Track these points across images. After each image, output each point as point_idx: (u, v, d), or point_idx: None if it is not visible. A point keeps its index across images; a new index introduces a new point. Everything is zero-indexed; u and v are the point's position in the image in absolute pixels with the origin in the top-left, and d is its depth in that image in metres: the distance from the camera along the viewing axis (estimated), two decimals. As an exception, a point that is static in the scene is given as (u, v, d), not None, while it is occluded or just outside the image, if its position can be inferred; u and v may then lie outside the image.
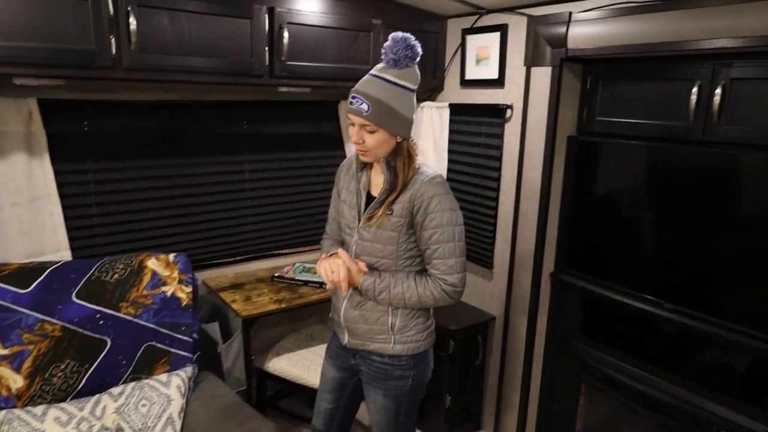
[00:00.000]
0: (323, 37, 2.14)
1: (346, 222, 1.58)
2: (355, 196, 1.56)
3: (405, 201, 1.46)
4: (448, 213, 1.44)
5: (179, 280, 1.97)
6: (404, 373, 1.56)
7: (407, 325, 1.54)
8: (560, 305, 2.25)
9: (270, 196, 2.58)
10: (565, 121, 2.13)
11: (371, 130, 1.41)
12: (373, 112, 1.38)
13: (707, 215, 1.75)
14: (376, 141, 1.42)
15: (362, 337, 1.57)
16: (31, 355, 1.73)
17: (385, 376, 1.56)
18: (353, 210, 1.55)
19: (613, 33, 1.85)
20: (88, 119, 2.07)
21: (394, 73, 1.40)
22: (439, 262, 1.46)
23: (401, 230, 1.47)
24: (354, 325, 1.58)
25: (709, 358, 1.80)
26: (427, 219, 1.44)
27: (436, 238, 1.45)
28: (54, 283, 1.81)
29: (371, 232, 1.49)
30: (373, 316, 1.54)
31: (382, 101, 1.39)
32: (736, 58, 1.65)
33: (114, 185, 2.16)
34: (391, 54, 1.39)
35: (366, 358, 1.59)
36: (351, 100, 1.41)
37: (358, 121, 1.41)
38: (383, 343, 1.55)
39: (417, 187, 1.45)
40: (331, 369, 1.71)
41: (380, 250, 1.50)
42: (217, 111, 2.35)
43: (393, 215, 1.46)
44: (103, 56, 1.72)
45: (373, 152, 1.45)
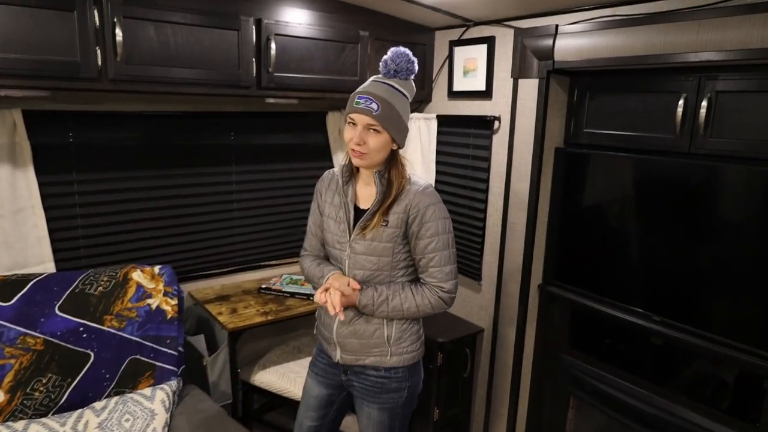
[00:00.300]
0: (311, 48, 2.15)
1: (335, 237, 1.56)
2: (341, 210, 1.54)
3: (400, 211, 1.46)
4: (442, 222, 1.47)
5: (164, 292, 1.96)
6: (400, 385, 1.56)
7: (402, 337, 1.55)
8: (548, 317, 2.25)
9: (257, 207, 2.57)
10: (553, 132, 2.14)
11: (376, 130, 1.41)
12: (382, 112, 1.40)
13: (695, 227, 1.75)
14: (379, 143, 1.42)
15: (357, 352, 1.55)
16: (13, 369, 1.70)
17: (381, 389, 1.55)
18: (342, 224, 1.53)
19: (599, 45, 1.86)
20: (73, 130, 2.06)
21: (396, 81, 1.45)
22: (435, 270, 1.48)
23: (396, 240, 1.48)
24: (348, 341, 1.56)
25: (698, 371, 1.81)
26: (423, 228, 1.46)
27: (432, 247, 1.46)
28: (37, 295, 1.79)
29: (364, 244, 1.48)
30: (369, 330, 1.53)
31: (390, 103, 1.41)
32: (721, 70, 1.66)
33: (99, 197, 2.15)
34: (393, 65, 1.43)
35: (360, 374, 1.57)
36: (357, 100, 1.42)
37: (365, 121, 1.41)
38: (379, 357, 1.54)
39: (411, 198, 1.46)
40: (317, 386, 1.68)
41: (375, 263, 1.50)
42: (204, 122, 2.35)
43: (388, 226, 1.46)
44: (88, 67, 1.72)
45: (371, 156, 1.44)
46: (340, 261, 1.56)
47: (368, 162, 1.46)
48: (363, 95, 1.42)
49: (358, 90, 1.46)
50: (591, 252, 2.08)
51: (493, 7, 2.10)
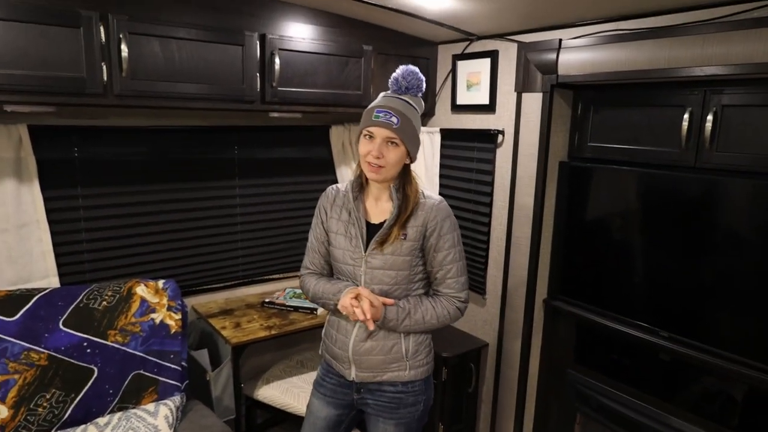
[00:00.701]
0: (314, 63, 2.16)
1: (347, 253, 1.54)
2: (353, 226, 1.53)
3: (418, 225, 1.49)
4: (456, 233, 1.54)
5: (168, 306, 1.96)
6: (417, 398, 1.57)
7: (418, 350, 1.56)
8: (554, 332, 2.23)
9: (261, 221, 2.58)
10: (557, 146, 2.14)
11: (395, 144, 1.44)
12: (401, 126, 1.43)
13: (701, 241, 1.75)
14: (396, 157, 1.45)
15: (375, 368, 1.54)
16: (17, 384, 1.71)
17: (398, 404, 1.55)
18: (355, 239, 1.52)
19: (603, 60, 1.87)
20: (78, 145, 2.08)
21: (408, 97, 1.48)
22: (452, 281, 1.53)
23: (414, 254, 1.50)
24: (365, 358, 1.54)
25: (705, 387, 1.79)
26: (441, 241, 1.50)
27: (450, 259, 1.51)
28: (41, 310, 1.80)
29: (382, 258, 1.49)
30: (387, 345, 1.53)
31: (408, 117, 1.44)
32: (726, 85, 1.66)
33: (103, 211, 2.17)
34: (404, 82, 1.47)
35: (376, 391, 1.56)
36: (377, 114, 1.43)
37: (384, 134, 1.43)
38: (398, 371, 1.54)
39: (428, 211, 1.49)
40: (326, 407, 1.64)
41: (393, 276, 1.51)
42: (208, 136, 2.37)
43: (407, 239, 1.48)
44: (94, 83, 1.74)
45: (387, 170, 1.45)
46: (354, 277, 1.54)
47: (384, 176, 1.47)
48: (382, 109, 1.44)
49: (375, 104, 1.47)
50: (596, 266, 2.07)
51: (496, 22, 2.11)
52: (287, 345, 2.68)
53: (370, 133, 1.44)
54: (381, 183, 1.50)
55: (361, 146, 1.47)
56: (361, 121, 1.48)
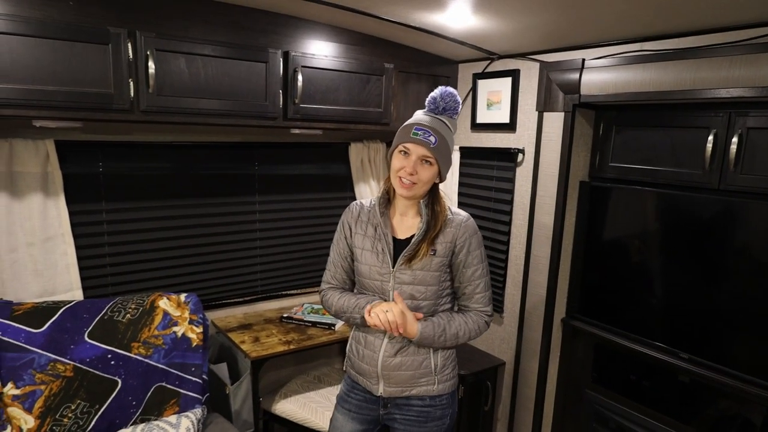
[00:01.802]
0: (336, 80, 2.20)
1: (374, 269, 1.56)
2: (379, 242, 1.55)
3: (447, 241, 1.52)
4: (482, 250, 1.59)
5: (190, 320, 2.00)
6: (444, 412, 1.60)
7: (446, 364, 1.60)
8: (572, 352, 2.24)
9: (279, 237, 2.62)
10: (578, 166, 2.15)
11: (430, 163, 1.46)
12: (438, 146, 1.46)
13: (722, 263, 1.76)
14: (429, 175, 1.48)
15: (403, 383, 1.56)
16: (43, 395, 1.75)
17: (426, 418, 1.58)
18: (382, 255, 1.54)
19: (626, 80, 1.88)
20: (102, 160, 2.13)
21: (445, 117, 1.51)
22: (480, 296, 1.57)
23: (443, 269, 1.54)
24: (395, 373, 1.56)
25: (726, 409, 1.80)
26: (470, 257, 1.54)
27: (478, 274, 1.56)
28: (67, 322, 1.84)
29: (411, 274, 1.51)
30: (417, 361, 1.56)
31: (444, 138, 1.48)
32: (752, 107, 1.67)
33: (127, 225, 2.22)
34: (443, 103, 1.49)
35: (403, 406, 1.59)
36: (415, 131, 1.45)
37: (420, 152, 1.45)
38: (426, 386, 1.57)
39: (457, 227, 1.53)
40: (351, 422, 1.66)
41: (422, 292, 1.53)
42: (229, 152, 2.42)
43: (436, 255, 1.51)
44: (121, 99, 1.78)
45: (419, 187, 1.48)
46: (382, 292, 1.56)
47: (414, 193, 1.49)
48: (421, 127, 1.46)
49: (413, 121, 1.49)
50: (616, 287, 2.08)
51: (518, 41, 2.13)
52: (305, 360, 2.72)
53: (406, 149, 1.46)
54: (411, 199, 1.53)
55: (395, 161, 1.49)
56: (398, 135, 1.50)
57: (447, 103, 1.49)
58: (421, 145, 1.43)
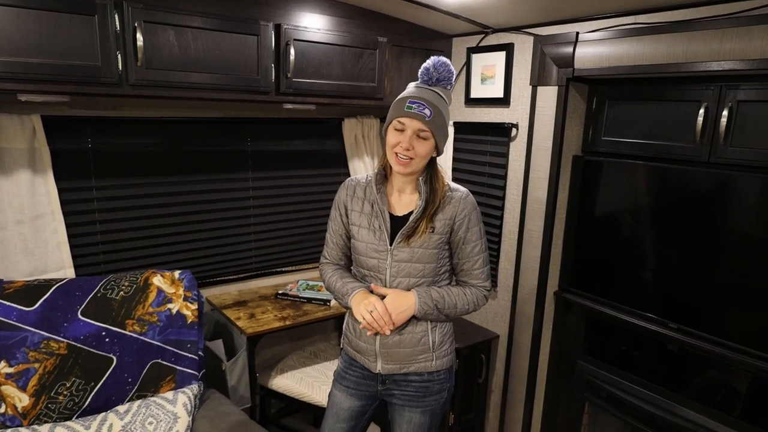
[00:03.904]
0: (329, 54, 2.15)
1: (371, 246, 1.52)
2: (376, 218, 1.52)
3: (447, 218, 1.49)
4: (482, 226, 1.56)
5: (185, 297, 1.97)
6: (442, 386, 1.59)
7: (444, 341, 1.58)
8: (564, 324, 2.26)
9: (274, 214, 2.59)
10: (571, 140, 2.15)
11: (425, 137, 1.42)
12: (434, 118, 1.41)
13: (713, 236, 1.77)
14: (426, 150, 1.43)
15: (402, 360, 1.55)
16: (37, 373, 1.72)
17: (424, 393, 1.57)
18: (379, 232, 1.50)
19: (620, 53, 1.87)
20: (91, 136, 2.08)
21: (440, 89, 1.45)
22: (479, 271, 1.55)
23: (442, 246, 1.51)
24: (393, 350, 1.54)
25: (714, 377, 1.83)
26: (469, 233, 1.51)
27: (477, 250, 1.53)
28: (59, 300, 1.81)
29: (408, 251, 1.48)
30: (415, 338, 1.54)
31: (440, 110, 1.43)
32: (743, 80, 1.67)
33: (118, 202, 2.17)
34: (436, 73, 1.43)
35: (401, 381, 1.57)
36: (409, 105, 1.40)
37: (415, 126, 1.40)
38: (425, 362, 1.56)
39: (457, 204, 1.50)
40: (349, 398, 1.64)
41: (420, 269, 1.50)
42: (221, 128, 2.37)
43: (435, 232, 1.47)
44: (109, 72, 1.73)
45: (416, 163, 1.43)
46: (378, 270, 1.52)
47: (412, 169, 1.44)
48: (415, 100, 1.40)
49: (407, 94, 1.44)
50: (608, 259, 2.10)
51: (512, 14, 2.10)
52: (301, 336, 2.71)
53: (401, 123, 1.41)
54: (409, 175, 1.47)
55: (390, 137, 1.44)
56: (391, 110, 1.45)
57: (441, 74, 1.43)
58: (416, 119, 1.38)
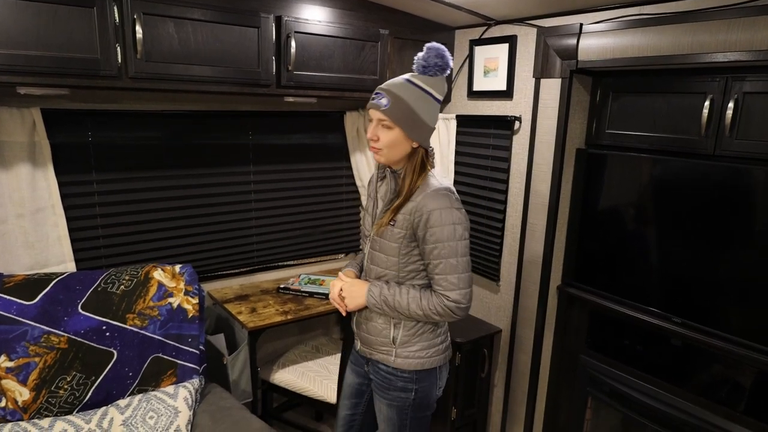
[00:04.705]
0: (330, 46, 2.11)
1: (364, 231, 1.62)
2: (372, 205, 1.59)
3: (407, 213, 1.44)
4: (449, 228, 1.39)
5: (185, 291, 1.95)
6: (407, 385, 1.53)
7: (410, 341, 1.52)
8: (567, 319, 2.23)
9: (275, 207, 2.56)
10: (574, 133, 2.10)
11: (387, 126, 1.41)
12: (391, 108, 1.39)
13: (717, 230, 1.73)
14: (390, 139, 1.41)
15: (369, 345, 1.58)
16: (37, 367, 1.70)
17: (388, 385, 1.56)
18: (370, 218, 1.59)
19: (624, 45, 1.82)
20: (92, 129, 2.04)
21: (422, 78, 1.43)
22: (440, 278, 1.41)
23: (402, 242, 1.46)
24: (363, 334, 1.60)
25: (717, 372, 1.79)
26: (427, 233, 1.40)
27: (436, 254, 1.40)
28: (60, 294, 1.78)
29: (378, 241, 1.51)
30: (377, 328, 1.55)
31: (403, 99, 1.40)
32: (749, 71, 1.63)
33: (118, 196, 2.14)
34: (422, 61, 1.42)
35: (374, 365, 1.60)
36: (372, 96, 1.43)
37: (376, 116, 1.42)
38: (386, 355, 1.55)
39: (419, 200, 1.41)
40: (351, 374, 1.73)
41: (384, 260, 1.52)
42: (222, 121, 2.33)
43: (395, 226, 1.45)
44: (108, 65, 1.70)
45: (385, 152, 1.44)
46: (364, 255, 1.62)
47: (385, 158, 1.47)
48: (378, 91, 1.44)
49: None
50: (611, 254, 2.06)
51: (515, 6, 2.06)
52: (303, 330, 2.69)
53: (369, 115, 1.46)
54: (387, 165, 1.50)
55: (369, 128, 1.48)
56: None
57: (427, 60, 1.40)
58: (375, 109, 1.41)
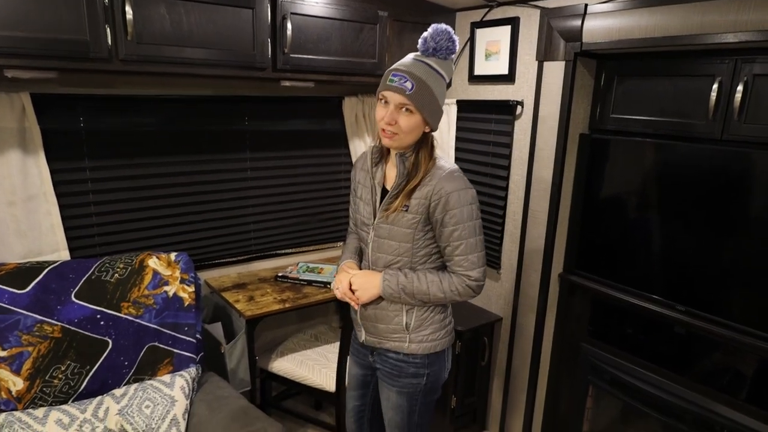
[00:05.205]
0: (327, 28, 2.03)
1: (362, 219, 1.52)
2: (369, 192, 1.50)
3: (422, 197, 1.38)
4: (467, 208, 1.38)
5: (181, 279, 1.90)
6: (419, 371, 1.51)
7: (422, 324, 1.49)
8: (569, 307, 2.17)
9: (273, 195, 2.48)
10: (578, 118, 2.03)
11: (409, 111, 1.33)
12: (416, 92, 1.31)
13: (724, 216, 1.67)
14: (410, 125, 1.34)
15: (379, 335, 1.53)
16: (31, 356, 1.65)
17: (399, 373, 1.51)
18: (368, 206, 1.49)
19: (631, 26, 1.74)
20: (83, 115, 1.97)
21: (434, 60, 1.35)
22: (461, 258, 1.40)
23: (417, 227, 1.41)
24: (371, 324, 1.54)
25: (720, 360, 1.74)
26: (447, 216, 1.37)
27: (457, 235, 1.38)
28: (52, 283, 1.73)
29: (386, 228, 1.43)
30: (389, 316, 1.49)
31: (427, 84, 1.32)
32: (759, 53, 1.55)
33: (112, 183, 2.07)
34: (432, 42, 1.34)
35: (382, 355, 1.55)
36: (392, 78, 1.33)
37: (397, 99, 1.32)
38: (399, 342, 1.50)
39: (435, 183, 1.37)
40: (354, 366, 1.70)
41: (395, 248, 1.44)
42: (218, 107, 2.25)
43: (408, 211, 1.39)
44: (98, 47, 1.62)
45: (401, 138, 1.36)
46: (366, 244, 1.52)
47: (398, 143, 1.38)
48: (398, 72, 1.33)
49: (392, 66, 1.36)
50: (614, 241, 2.00)
51: (518, -14, 1.97)
52: (301, 319, 2.64)
53: (384, 97, 1.35)
54: (396, 150, 1.42)
55: (377, 111, 1.39)
56: (380, 83, 1.38)
57: (438, 43, 1.33)
58: (397, 92, 1.31)
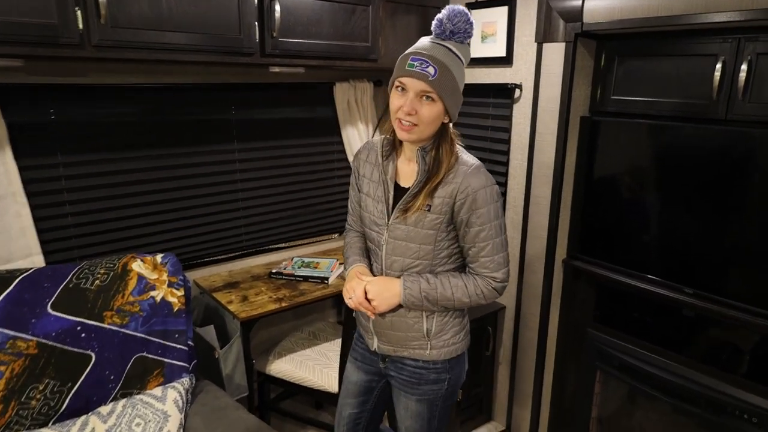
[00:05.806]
0: (318, 11, 1.88)
1: (372, 218, 1.36)
2: (380, 188, 1.34)
3: (446, 195, 1.24)
4: (494, 206, 1.27)
5: (169, 282, 1.72)
6: (440, 376, 1.38)
7: (443, 329, 1.36)
8: (574, 292, 2.11)
9: (263, 187, 2.31)
10: (579, 100, 1.95)
11: (431, 99, 1.19)
12: (439, 79, 1.17)
13: (729, 197, 1.61)
14: (432, 114, 1.20)
15: (396, 344, 1.39)
16: (3, 377, 1.46)
17: (419, 380, 1.39)
18: (380, 204, 1.33)
19: (633, 5, 1.67)
20: (54, 106, 1.77)
21: (452, 43, 1.21)
22: (487, 260, 1.28)
23: (440, 228, 1.27)
24: (387, 332, 1.39)
25: (729, 341, 1.69)
26: (473, 215, 1.25)
27: (484, 236, 1.26)
28: (25, 293, 1.54)
29: (404, 229, 1.29)
30: (407, 323, 1.35)
31: (449, 70, 1.19)
32: (764, 31, 1.49)
33: (89, 180, 1.87)
34: (450, 25, 1.20)
35: (397, 363, 1.42)
36: (411, 62, 1.18)
37: (419, 87, 1.18)
38: (419, 350, 1.37)
39: (460, 180, 1.24)
40: (357, 372, 1.53)
41: (415, 250, 1.30)
42: (202, 95, 2.07)
43: (431, 211, 1.25)
44: (68, 31, 1.44)
45: (420, 129, 1.21)
46: (377, 245, 1.36)
47: (417, 136, 1.23)
48: (418, 56, 1.18)
49: (411, 50, 1.21)
50: (618, 225, 1.93)
51: (515, -36, 1.86)
52: (298, 316, 2.49)
53: (402, 84, 1.20)
54: (414, 143, 1.26)
55: (393, 99, 1.22)
56: (395, 69, 1.22)
57: (455, 25, 1.20)
58: (419, 79, 1.16)
